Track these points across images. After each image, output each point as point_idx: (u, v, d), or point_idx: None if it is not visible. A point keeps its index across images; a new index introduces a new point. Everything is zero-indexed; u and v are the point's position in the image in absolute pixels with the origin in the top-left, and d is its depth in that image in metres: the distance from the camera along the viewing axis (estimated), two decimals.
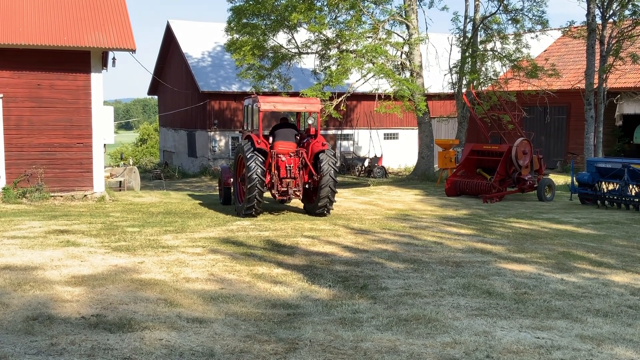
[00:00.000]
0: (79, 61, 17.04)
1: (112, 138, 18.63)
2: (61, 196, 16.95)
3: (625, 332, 6.23)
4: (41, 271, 8.08)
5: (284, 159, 14.34)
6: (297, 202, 16.58)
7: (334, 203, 14.90)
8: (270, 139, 14.80)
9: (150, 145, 59.34)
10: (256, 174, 13.70)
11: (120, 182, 22.32)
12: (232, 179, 16.00)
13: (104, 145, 18.09)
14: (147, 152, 57.25)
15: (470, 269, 8.99)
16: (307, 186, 14.63)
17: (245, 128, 16.24)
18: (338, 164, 14.88)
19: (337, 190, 15.01)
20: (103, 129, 17.52)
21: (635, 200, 16.76)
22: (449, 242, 11.25)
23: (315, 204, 14.53)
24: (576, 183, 18.35)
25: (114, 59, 17.70)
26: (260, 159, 13.92)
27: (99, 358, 5.11)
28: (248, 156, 13.82)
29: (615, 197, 17.21)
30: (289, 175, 14.31)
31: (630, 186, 16.89)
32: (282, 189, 14.30)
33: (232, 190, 16.07)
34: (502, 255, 10.14)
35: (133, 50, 16.80)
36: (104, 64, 18.82)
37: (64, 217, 13.56)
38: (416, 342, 5.80)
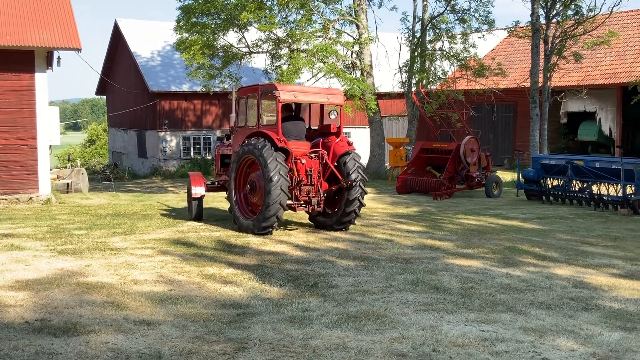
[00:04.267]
0: (23, 61, 16.59)
1: (58, 139, 18.23)
2: (5, 199, 16.49)
3: (567, 323, 6.42)
4: None
5: (303, 161, 11.83)
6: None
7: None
8: None
9: (100, 146, 58.28)
10: (281, 181, 11.15)
11: (68, 184, 21.86)
12: (197, 191, 13.27)
13: (50, 146, 17.66)
14: (96, 153, 56.24)
15: (419, 265, 9.13)
16: (325, 194, 12.08)
17: (243, 124, 12.77)
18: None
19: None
20: (48, 130, 17.11)
21: (578, 196, 17.26)
22: (399, 239, 11.39)
23: (338, 216, 12.08)
24: (522, 179, 18.79)
25: (58, 58, 17.31)
26: (284, 162, 11.36)
27: None
28: (268, 158, 11.10)
29: (559, 193, 17.69)
30: (309, 182, 11.87)
31: (574, 182, 17.38)
32: (304, 198, 11.83)
33: (228, 203, 12.45)
34: (450, 251, 10.33)
35: (78, 50, 16.47)
36: (49, 64, 18.38)
37: (8, 221, 13.20)
38: (365, 338, 5.86)
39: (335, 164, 11.93)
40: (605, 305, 7.13)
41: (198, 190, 13.29)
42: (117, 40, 40.41)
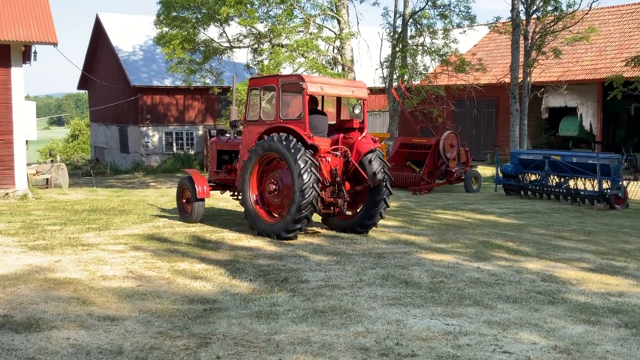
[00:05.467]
0: None
1: (35, 134, 18.07)
2: None
3: (532, 317, 6.48)
4: None
5: (329, 159, 10.93)
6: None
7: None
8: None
9: (82, 141, 57.91)
10: (313, 178, 10.23)
11: (47, 179, 21.70)
12: (203, 189, 12.13)
13: (26, 141, 17.50)
14: (79, 148, 55.88)
15: (391, 259, 9.15)
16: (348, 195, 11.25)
17: (256, 118, 11.70)
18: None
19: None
20: (25, 125, 16.95)
21: (555, 190, 17.38)
22: (375, 234, 11.40)
23: (361, 217, 11.24)
24: (501, 174, 18.88)
25: (35, 52, 17.15)
26: (315, 161, 10.41)
27: (1, 359, 4.98)
28: (297, 154, 10.15)
29: (537, 188, 17.81)
30: (334, 181, 10.91)
31: (551, 177, 17.50)
32: (329, 199, 10.90)
33: (253, 207, 11.03)
34: (424, 245, 10.36)
35: (55, 44, 16.32)
36: (27, 58, 18.23)
37: None
38: (329, 332, 5.87)
39: (359, 163, 11.03)
40: (571, 299, 7.19)
41: (204, 189, 12.11)
42: (99, 34, 40.09)
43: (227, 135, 13.24)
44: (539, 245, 10.66)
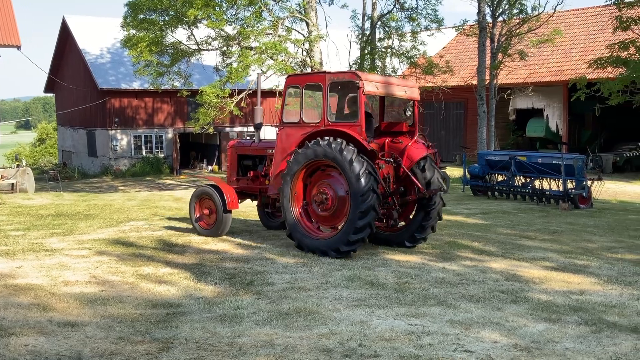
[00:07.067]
0: None
1: None
2: None
3: (494, 315, 6.55)
4: None
5: (382, 166, 9.84)
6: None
7: None
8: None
9: (50, 145, 57.12)
10: (374, 186, 9.14)
11: (12, 184, 21.33)
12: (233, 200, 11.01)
13: None
14: (47, 152, 55.12)
15: (357, 261, 9.18)
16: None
17: (296, 120, 10.21)
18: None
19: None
20: None
21: (521, 191, 17.60)
22: None
23: (410, 230, 10.19)
24: (468, 175, 19.06)
25: None
26: (374, 169, 9.33)
27: None
28: (355, 160, 9.08)
29: (504, 188, 18.02)
30: (389, 191, 9.89)
31: (517, 177, 17.72)
32: (382, 210, 9.78)
33: (290, 216, 9.87)
34: (391, 246, 10.40)
35: (18, 47, 16.09)
36: None
37: None
38: (293, 334, 5.87)
39: (410, 170, 9.97)
40: (533, 298, 7.28)
41: (233, 200, 10.97)
42: (66, 36, 39.60)
43: (248, 137, 12.44)
44: (504, 245, 10.79)
